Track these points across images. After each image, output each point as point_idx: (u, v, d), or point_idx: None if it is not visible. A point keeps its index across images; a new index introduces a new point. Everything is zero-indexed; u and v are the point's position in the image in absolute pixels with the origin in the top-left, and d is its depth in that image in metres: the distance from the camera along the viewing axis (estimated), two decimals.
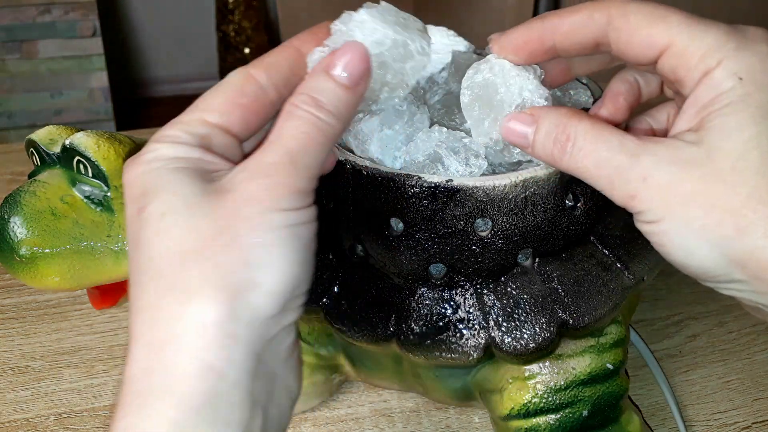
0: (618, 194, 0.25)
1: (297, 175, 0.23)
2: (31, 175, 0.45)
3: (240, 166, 0.23)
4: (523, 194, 0.29)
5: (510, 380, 0.35)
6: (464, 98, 0.29)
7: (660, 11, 0.25)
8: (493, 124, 0.29)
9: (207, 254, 0.21)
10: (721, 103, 0.24)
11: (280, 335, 0.23)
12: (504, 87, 0.28)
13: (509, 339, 0.31)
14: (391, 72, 0.27)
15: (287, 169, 0.23)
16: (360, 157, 0.31)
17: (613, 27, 0.26)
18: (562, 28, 0.27)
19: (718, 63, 0.24)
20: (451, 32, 0.36)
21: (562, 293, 0.31)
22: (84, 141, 0.42)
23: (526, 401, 0.34)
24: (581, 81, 0.37)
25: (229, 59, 2.12)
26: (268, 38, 2.14)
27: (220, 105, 0.24)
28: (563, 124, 0.26)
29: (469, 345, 0.31)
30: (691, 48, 0.24)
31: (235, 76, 0.25)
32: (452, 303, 0.32)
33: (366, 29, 0.26)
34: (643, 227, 0.25)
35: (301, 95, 0.24)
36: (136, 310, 0.22)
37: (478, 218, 0.29)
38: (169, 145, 0.23)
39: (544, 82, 0.29)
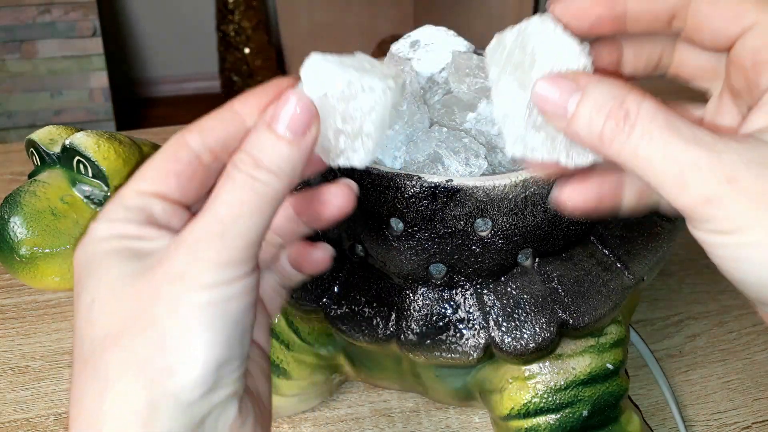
0: (688, 196, 0.20)
1: (226, 246, 0.21)
2: (31, 175, 0.45)
3: (172, 239, 0.22)
4: (523, 194, 0.29)
5: (510, 380, 0.35)
6: (490, 46, 0.26)
7: None
8: (515, 86, 0.24)
9: (126, 340, 0.20)
10: None
11: (215, 413, 0.21)
12: (539, 42, 0.23)
13: (509, 339, 0.31)
14: (340, 117, 0.24)
15: (214, 241, 0.21)
16: None
17: None
18: None
19: None
20: (451, 32, 0.36)
21: (562, 293, 0.31)
22: (84, 141, 0.42)
23: (526, 401, 0.34)
24: None
25: (229, 59, 2.13)
26: (268, 38, 2.14)
27: (156, 173, 0.23)
28: (621, 97, 0.21)
29: (469, 345, 0.31)
30: None
31: (171, 142, 0.23)
32: (452, 303, 0.32)
33: (317, 73, 0.23)
34: (710, 238, 0.20)
35: (240, 153, 0.22)
36: (70, 401, 0.21)
37: (478, 218, 0.29)
38: (104, 224, 0.22)
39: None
